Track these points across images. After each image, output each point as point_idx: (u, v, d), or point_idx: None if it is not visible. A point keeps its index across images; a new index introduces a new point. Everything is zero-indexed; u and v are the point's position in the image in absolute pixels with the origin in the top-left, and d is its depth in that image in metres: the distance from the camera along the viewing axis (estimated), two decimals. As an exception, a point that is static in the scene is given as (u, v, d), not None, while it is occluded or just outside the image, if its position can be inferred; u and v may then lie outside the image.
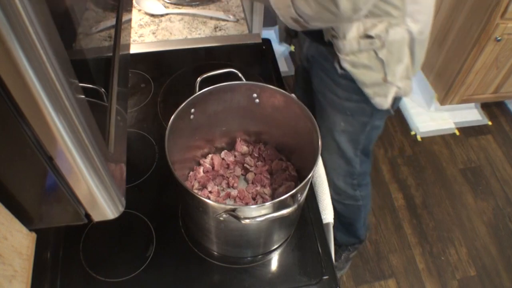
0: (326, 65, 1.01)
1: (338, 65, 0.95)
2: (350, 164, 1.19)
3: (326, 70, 1.02)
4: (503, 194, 1.92)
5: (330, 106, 1.08)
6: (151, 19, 1.23)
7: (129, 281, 0.76)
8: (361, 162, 1.19)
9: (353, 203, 1.32)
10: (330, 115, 1.09)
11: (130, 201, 0.50)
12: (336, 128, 1.10)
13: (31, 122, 0.30)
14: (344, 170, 1.21)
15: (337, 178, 1.24)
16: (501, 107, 2.28)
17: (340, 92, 1.02)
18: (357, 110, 1.04)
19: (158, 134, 0.97)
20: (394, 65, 0.92)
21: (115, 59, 0.51)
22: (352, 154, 1.16)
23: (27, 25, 0.25)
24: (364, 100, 1.00)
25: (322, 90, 1.08)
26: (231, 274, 0.78)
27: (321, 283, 0.77)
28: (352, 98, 1.01)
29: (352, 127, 1.08)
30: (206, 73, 0.81)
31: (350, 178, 1.24)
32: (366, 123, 1.07)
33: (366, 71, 0.93)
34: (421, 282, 1.65)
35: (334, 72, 0.98)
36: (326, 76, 1.03)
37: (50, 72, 0.28)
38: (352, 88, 0.98)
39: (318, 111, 1.14)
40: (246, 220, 0.62)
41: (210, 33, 1.20)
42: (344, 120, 1.07)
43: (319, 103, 1.12)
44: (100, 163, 0.36)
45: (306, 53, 1.11)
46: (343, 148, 1.14)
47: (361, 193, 1.30)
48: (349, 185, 1.26)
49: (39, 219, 0.44)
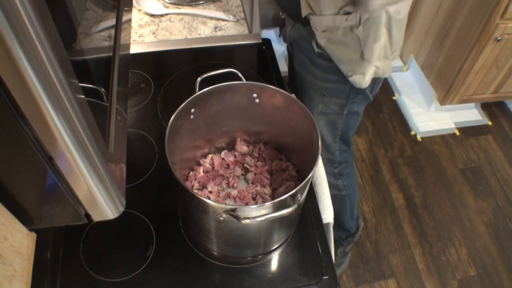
0: (305, 46, 1.03)
1: (316, 44, 0.97)
2: (329, 151, 1.20)
3: (305, 51, 1.04)
4: (503, 194, 1.92)
5: (308, 87, 1.09)
6: (151, 19, 1.23)
7: (129, 281, 0.76)
8: (341, 150, 1.20)
9: (336, 193, 1.32)
10: (308, 97, 1.10)
11: (130, 201, 0.50)
12: (314, 110, 1.11)
13: (31, 122, 0.30)
14: (324, 157, 1.21)
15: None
16: (501, 107, 2.28)
17: (317, 72, 1.03)
18: (334, 91, 1.05)
19: (158, 134, 0.97)
20: (371, 43, 0.92)
21: (115, 59, 0.51)
22: (331, 140, 1.17)
23: (27, 25, 0.25)
24: (341, 81, 1.01)
25: (301, 72, 1.09)
26: (231, 274, 0.78)
27: (321, 283, 0.77)
28: (329, 78, 1.02)
29: (329, 109, 1.09)
30: (206, 73, 0.81)
31: (331, 166, 1.24)
32: (343, 105, 1.08)
33: (342, 47, 0.94)
34: (421, 282, 1.65)
35: (312, 52, 1.00)
36: (304, 57, 1.05)
37: (50, 72, 0.28)
38: (329, 68, 0.99)
39: (300, 95, 1.15)
40: (246, 220, 0.62)
41: (210, 33, 1.20)
42: (322, 101, 1.08)
43: (300, 86, 1.14)
44: (100, 163, 0.36)
45: (289, 36, 1.12)
46: (322, 132, 1.14)
47: (343, 182, 1.30)
48: (330, 174, 1.26)
49: (39, 219, 0.44)
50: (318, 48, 0.97)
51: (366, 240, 1.74)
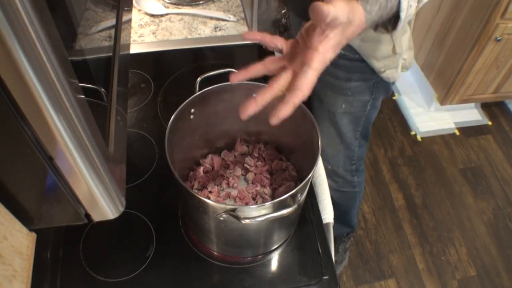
0: None
1: None
2: (349, 148, 1.19)
3: None
4: (503, 194, 1.92)
5: (329, 89, 1.07)
6: (151, 19, 1.23)
7: (129, 281, 0.76)
8: (359, 146, 1.20)
9: (350, 190, 1.33)
10: (330, 98, 1.09)
11: (130, 201, 0.50)
12: (337, 111, 1.10)
13: (31, 122, 0.30)
14: (343, 155, 1.21)
15: (337, 165, 1.24)
16: (501, 107, 2.28)
17: (340, 73, 1.02)
18: (358, 90, 1.04)
19: (158, 134, 0.97)
20: (400, 36, 0.92)
21: (115, 59, 0.51)
22: (352, 137, 1.16)
23: (27, 25, 0.25)
24: (365, 78, 1.00)
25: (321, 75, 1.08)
26: (231, 274, 0.78)
27: (321, 283, 0.77)
28: (353, 77, 1.01)
29: (353, 107, 1.08)
30: (206, 73, 0.81)
31: (349, 163, 1.24)
32: (367, 102, 1.07)
33: (375, 44, 0.93)
34: (421, 282, 1.65)
35: None
36: None
37: (50, 72, 0.28)
38: (352, 67, 0.98)
39: (316, 97, 1.13)
40: (246, 220, 0.62)
41: (210, 33, 1.20)
42: (345, 101, 1.07)
43: (317, 89, 1.11)
44: (100, 163, 0.36)
45: None
46: (344, 131, 1.14)
47: (358, 178, 1.30)
48: (348, 171, 1.26)
49: (39, 219, 0.44)
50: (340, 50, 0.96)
51: (366, 240, 1.74)
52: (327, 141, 1.19)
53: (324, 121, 1.15)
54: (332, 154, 1.22)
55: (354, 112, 1.10)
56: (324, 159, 1.25)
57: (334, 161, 1.23)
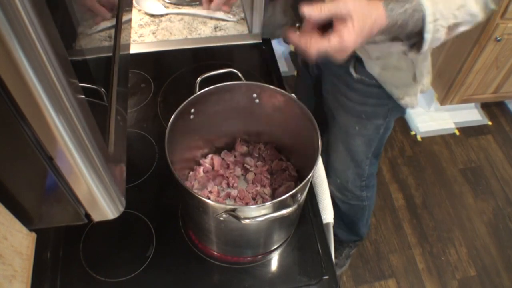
0: (339, 70, 0.99)
1: (353, 69, 0.94)
2: (360, 167, 1.19)
3: (339, 76, 1.00)
4: (503, 194, 1.92)
5: (343, 110, 1.06)
6: (151, 19, 1.23)
7: (129, 281, 0.76)
8: (370, 164, 1.19)
9: (358, 203, 1.32)
10: (344, 119, 1.08)
11: (130, 201, 0.50)
12: (350, 131, 1.09)
13: (31, 122, 0.30)
14: (353, 172, 1.20)
15: (346, 180, 1.24)
16: (501, 107, 2.28)
17: (355, 97, 1.01)
18: (373, 114, 1.03)
19: (158, 134, 0.97)
20: (421, 63, 0.91)
21: (115, 59, 0.51)
22: (363, 157, 1.16)
23: (27, 25, 0.25)
24: (380, 104, 0.99)
25: (334, 95, 1.06)
26: (231, 274, 0.78)
27: (321, 283, 0.77)
28: (368, 102, 1.00)
29: (366, 130, 1.07)
30: (206, 73, 0.81)
31: (359, 180, 1.24)
32: (380, 125, 1.07)
33: (396, 72, 0.92)
34: (421, 282, 1.65)
35: (348, 77, 0.97)
36: (339, 82, 1.02)
37: (50, 72, 0.28)
38: (368, 92, 0.97)
39: (330, 116, 1.13)
40: (246, 220, 0.62)
41: (210, 33, 1.20)
42: (359, 123, 1.06)
43: (331, 108, 1.11)
44: (100, 163, 0.36)
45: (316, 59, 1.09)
46: (355, 151, 1.13)
47: (367, 194, 1.30)
48: (357, 187, 1.26)
49: (39, 219, 0.44)
50: (357, 73, 0.94)
51: (366, 240, 1.74)
52: (337, 158, 1.19)
53: (336, 140, 1.15)
54: (341, 170, 1.21)
55: (367, 134, 1.09)
56: (333, 173, 1.25)
57: (343, 176, 1.23)
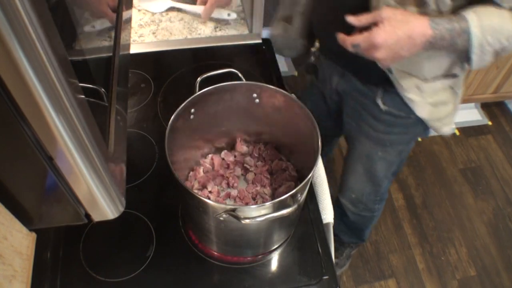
0: (364, 101, 0.97)
1: (381, 102, 0.92)
2: (378, 185, 1.19)
3: (364, 105, 0.98)
4: (503, 194, 1.92)
5: (366, 138, 1.05)
6: (151, 19, 1.23)
7: (129, 281, 0.76)
8: (388, 182, 1.19)
9: (370, 215, 1.33)
10: (366, 146, 1.07)
11: (130, 201, 0.50)
12: (372, 157, 1.08)
13: (31, 122, 0.30)
14: (370, 189, 1.20)
15: (361, 196, 1.24)
16: (501, 107, 2.28)
17: (381, 126, 0.99)
18: (397, 141, 1.03)
19: (158, 134, 0.97)
20: (461, 93, 0.91)
21: (115, 59, 0.51)
22: (383, 178, 1.15)
23: (27, 25, 0.25)
24: (405, 132, 0.99)
25: (357, 122, 1.05)
26: (231, 274, 0.78)
27: (321, 283, 0.77)
28: (394, 131, 0.99)
29: (389, 155, 1.07)
30: (206, 73, 0.81)
31: (374, 195, 1.24)
32: (403, 150, 1.06)
33: (443, 107, 0.91)
34: (421, 282, 1.65)
35: (375, 108, 0.95)
36: (364, 111, 1.00)
37: (50, 72, 0.28)
38: (395, 122, 0.96)
39: (350, 139, 1.11)
40: (246, 220, 0.62)
41: (210, 33, 1.20)
42: (382, 150, 1.05)
43: (352, 133, 1.10)
44: (100, 163, 0.36)
45: (335, 87, 1.04)
46: (376, 173, 1.13)
47: (379, 205, 1.30)
48: (371, 201, 1.26)
49: (39, 219, 0.44)
50: (385, 105, 0.93)
51: (366, 240, 1.74)
52: (355, 179, 1.18)
53: (355, 162, 1.14)
54: (358, 188, 1.21)
55: (390, 158, 1.08)
56: (348, 190, 1.25)
57: (359, 193, 1.23)
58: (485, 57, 0.72)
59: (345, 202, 1.30)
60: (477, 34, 0.69)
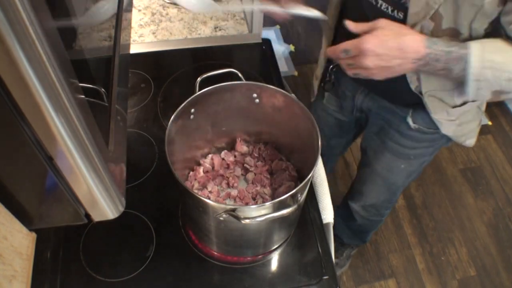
0: (391, 118, 0.95)
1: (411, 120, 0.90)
2: (394, 194, 1.18)
3: (391, 122, 0.96)
4: (503, 194, 1.92)
5: (390, 153, 1.03)
6: (151, 19, 1.23)
7: (129, 281, 0.76)
8: (403, 189, 1.19)
9: (378, 219, 1.33)
10: (389, 160, 1.05)
11: (130, 201, 0.50)
12: (393, 169, 1.07)
13: (31, 122, 0.30)
14: (385, 197, 1.20)
15: (375, 203, 1.23)
16: (501, 107, 2.28)
17: (407, 142, 0.98)
18: (422, 154, 1.02)
19: (158, 134, 0.97)
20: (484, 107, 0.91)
21: (115, 59, 0.51)
22: (400, 186, 1.15)
23: (27, 25, 0.25)
24: (430, 145, 0.98)
25: (382, 138, 1.02)
26: (231, 274, 0.78)
27: (321, 283, 0.77)
28: (419, 146, 0.98)
29: (412, 167, 1.06)
30: (206, 73, 0.81)
31: (388, 202, 1.24)
32: (426, 160, 1.06)
33: (468, 124, 0.91)
34: (421, 282, 1.64)
35: (402, 125, 0.93)
36: (390, 128, 0.98)
37: (50, 72, 0.28)
38: (422, 138, 0.95)
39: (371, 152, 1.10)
40: (246, 220, 0.62)
41: (210, 33, 1.20)
42: (406, 163, 1.04)
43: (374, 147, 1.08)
44: (100, 163, 0.36)
45: (360, 105, 1.02)
46: (394, 183, 1.12)
47: (389, 210, 1.30)
48: (384, 207, 1.26)
49: (39, 219, 0.44)
50: (415, 123, 0.90)
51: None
52: (372, 189, 1.18)
53: (375, 175, 1.13)
54: (373, 195, 1.21)
55: (412, 169, 1.07)
56: (361, 197, 1.24)
57: (373, 199, 1.22)
58: (482, 92, 0.68)
59: (356, 207, 1.29)
60: (475, 66, 0.64)
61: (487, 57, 0.64)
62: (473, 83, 0.66)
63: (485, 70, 0.65)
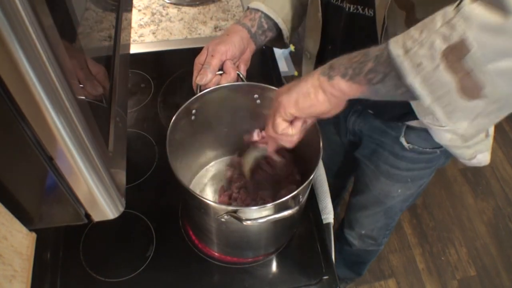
0: (384, 140, 0.92)
1: (405, 140, 0.87)
2: (392, 219, 1.15)
3: (384, 145, 0.93)
4: (503, 194, 1.92)
5: (385, 176, 0.99)
6: (151, 19, 1.23)
7: (129, 281, 0.76)
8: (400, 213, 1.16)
9: (376, 249, 1.30)
10: (385, 185, 1.01)
11: (130, 201, 0.50)
12: (390, 195, 1.03)
13: (31, 122, 0.30)
14: (382, 224, 1.17)
15: (372, 231, 1.20)
16: (501, 107, 2.28)
17: (402, 164, 0.94)
18: (419, 176, 0.98)
19: (158, 134, 0.97)
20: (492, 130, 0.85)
21: (115, 59, 0.51)
22: (398, 212, 1.12)
23: (27, 25, 0.25)
24: (428, 166, 0.94)
25: (376, 163, 0.99)
26: (231, 274, 0.78)
27: (321, 283, 0.77)
28: (415, 167, 0.94)
29: (409, 190, 1.02)
30: (206, 73, 0.81)
31: (385, 229, 1.20)
32: (423, 183, 1.02)
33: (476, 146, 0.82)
34: (421, 282, 1.65)
35: (396, 147, 0.90)
36: (383, 150, 0.94)
37: (50, 72, 0.28)
38: (418, 159, 0.91)
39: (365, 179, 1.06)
40: (248, 221, 0.62)
41: (210, 33, 1.19)
42: (403, 187, 1.00)
43: (368, 174, 1.04)
44: (100, 163, 0.36)
45: (352, 128, 0.98)
46: (392, 207, 1.09)
47: (387, 238, 1.26)
48: (381, 235, 1.23)
49: (39, 219, 0.44)
50: (409, 143, 0.87)
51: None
52: (368, 217, 1.15)
53: (371, 204, 1.10)
54: (369, 223, 1.18)
55: (409, 193, 1.03)
56: (358, 226, 1.21)
57: (370, 227, 1.19)
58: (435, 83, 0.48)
59: (351, 238, 1.26)
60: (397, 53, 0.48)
61: (407, 36, 0.48)
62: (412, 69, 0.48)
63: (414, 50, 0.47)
